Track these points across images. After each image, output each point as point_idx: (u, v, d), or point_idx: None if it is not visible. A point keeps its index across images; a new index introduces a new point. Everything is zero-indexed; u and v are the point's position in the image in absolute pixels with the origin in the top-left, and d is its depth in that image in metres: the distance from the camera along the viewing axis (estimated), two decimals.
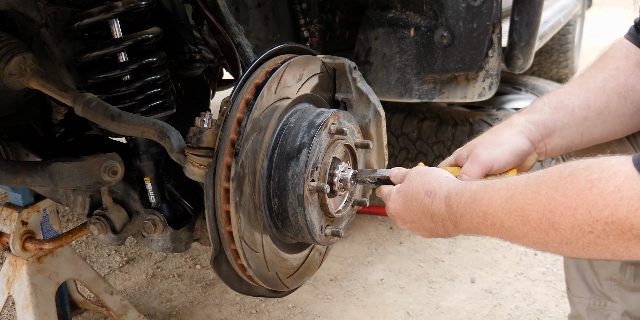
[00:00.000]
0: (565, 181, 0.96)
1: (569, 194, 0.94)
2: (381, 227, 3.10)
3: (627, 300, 1.66)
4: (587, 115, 1.36)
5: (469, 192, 1.10)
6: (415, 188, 1.19)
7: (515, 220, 1.02)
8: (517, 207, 1.01)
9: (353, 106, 1.51)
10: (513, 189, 1.03)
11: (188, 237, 1.49)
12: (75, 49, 1.46)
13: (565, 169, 0.98)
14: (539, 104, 1.40)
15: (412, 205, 1.20)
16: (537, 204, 0.98)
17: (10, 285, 1.84)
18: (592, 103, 1.37)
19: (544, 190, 0.98)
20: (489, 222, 1.06)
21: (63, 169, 1.37)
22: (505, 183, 1.06)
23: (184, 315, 2.43)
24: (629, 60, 1.40)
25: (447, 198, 1.14)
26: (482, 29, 2.12)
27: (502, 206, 1.03)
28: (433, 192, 1.16)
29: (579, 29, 5.34)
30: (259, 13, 2.29)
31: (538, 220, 0.98)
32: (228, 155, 1.21)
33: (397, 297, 2.53)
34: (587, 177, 0.93)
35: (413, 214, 1.20)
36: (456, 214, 1.12)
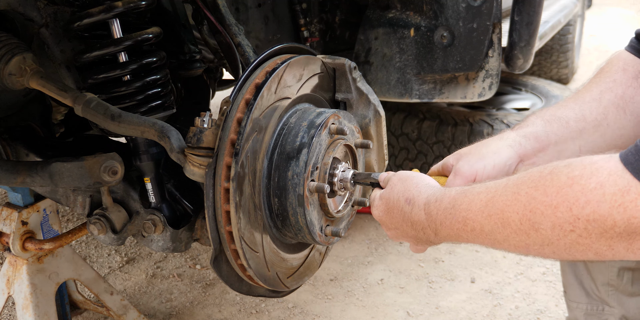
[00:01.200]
0: (546, 180, 0.93)
1: (549, 192, 0.92)
2: (381, 227, 3.10)
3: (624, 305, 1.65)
4: (583, 127, 1.32)
5: (449, 197, 1.08)
6: (396, 195, 1.18)
7: (495, 224, 0.99)
8: (497, 209, 0.99)
9: (353, 106, 1.51)
10: (493, 192, 1.01)
11: (188, 237, 1.49)
12: (75, 49, 1.46)
13: (545, 169, 0.95)
14: (531, 118, 1.37)
15: (393, 212, 1.18)
16: (517, 205, 0.96)
17: (10, 285, 1.83)
18: (588, 115, 1.33)
19: (524, 190, 0.95)
20: (469, 228, 1.04)
21: (63, 169, 1.37)
22: (484, 187, 1.03)
23: (184, 315, 2.43)
24: (626, 72, 1.37)
25: (426, 205, 1.12)
26: (482, 29, 2.12)
27: (482, 210, 1.01)
28: (412, 199, 1.14)
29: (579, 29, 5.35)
30: (259, 13, 2.29)
31: (518, 221, 0.96)
32: (228, 155, 1.21)
33: (397, 297, 2.53)
34: (567, 174, 0.91)
35: (395, 221, 1.18)
36: (436, 222, 1.10)
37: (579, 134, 1.32)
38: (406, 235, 1.19)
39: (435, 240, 1.15)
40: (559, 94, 3.74)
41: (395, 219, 1.18)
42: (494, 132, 3.08)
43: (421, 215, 1.12)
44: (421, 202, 1.12)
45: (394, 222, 1.19)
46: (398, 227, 1.19)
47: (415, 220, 1.13)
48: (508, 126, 3.10)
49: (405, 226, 1.16)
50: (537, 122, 1.34)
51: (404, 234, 1.20)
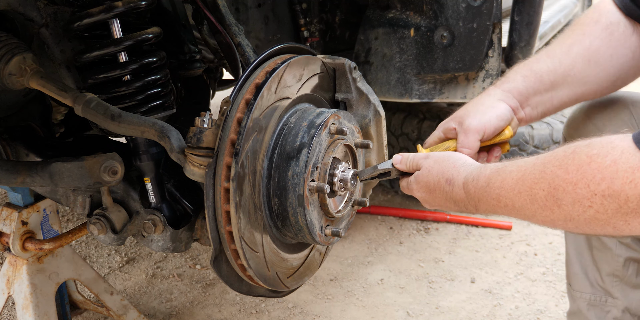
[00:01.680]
0: (568, 158, 1.00)
1: (570, 170, 0.98)
2: (381, 227, 3.10)
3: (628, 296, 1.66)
4: (554, 79, 1.43)
5: (484, 177, 1.15)
6: (436, 177, 1.25)
7: (524, 200, 1.07)
8: (526, 186, 1.06)
9: (353, 106, 1.51)
10: (523, 170, 1.07)
11: (188, 237, 1.49)
12: (75, 49, 1.46)
13: (569, 148, 1.02)
14: (511, 75, 1.47)
15: (435, 193, 1.26)
16: (543, 182, 1.02)
17: (10, 285, 1.83)
18: (558, 68, 1.44)
19: (549, 168, 1.02)
20: (503, 204, 1.12)
21: (63, 169, 1.37)
22: (516, 165, 1.10)
23: (184, 315, 2.43)
24: (598, 24, 1.45)
25: (465, 184, 1.19)
26: (482, 29, 2.12)
27: (513, 187, 1.08)
28: (452, 180, 1.22)
29: None
30: (259, 13, 2.29)
31: (544, 198, 1.03)
32: (228, 155, 1.21)
33: (397, 297, 2.53)
34: (587, 153, 0.97)
35: (439, 199, 1.27)
36: (474, 199, 1.18)
37: (551, 86, 1.44)
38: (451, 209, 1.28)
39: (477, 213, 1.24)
40: None
41: (439, 199, 1.26)
42: None
43: (461, 194, 1.20)
44: (460, 181, 1.20)
45: (437, 201, 1.28)
46: (442, 204, 1.28)
47: (457, 198, 1.22)
48: None
49: (449, 203, 1.25)
50: (517, 78, 1.46)
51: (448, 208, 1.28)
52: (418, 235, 3.01)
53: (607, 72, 1.45)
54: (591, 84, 1.46)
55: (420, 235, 3.02)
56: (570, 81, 1.44)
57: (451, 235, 3.01)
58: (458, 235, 3.00)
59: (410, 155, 1.34)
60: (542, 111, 1.48)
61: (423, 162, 1.30)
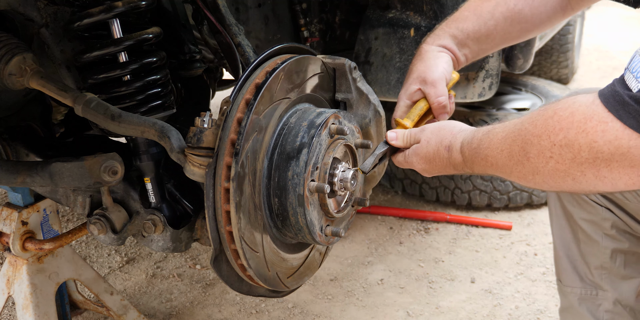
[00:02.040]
0: (539, 115, 1.07)
1: (538, 124, 1.05)
2: (381, 227, 3.10)
3: (618, 288, 1.68)
4: (478, 37, 1.57)
5: (477, 139, 1.22)
6: (435, 146, 1.31)
7: (505, 157, 1.13)
8: (507, 144, 1.12)
9: (353, 106, 1.51)
10: (506, 130, 1.14)
11: (188, 237, 1.49)
12: (75, 49, 1.46)
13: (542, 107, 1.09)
14: (439, 32, 1.59)
15: (435, 161, 1.32)
16: (518, 138, 1.09)
17: (10, 285, 1.83)
18: (482, 27, 1.56)
19: (525, 125, 1.09)
20: (490, 163, 1.18)
21: (63, 169, 1.37)
22: (502, 126, 1.17)
23: (184, 315, 2.43)
24: None
25: (461, 148, 1.25)
26: None
27: (497, 146, 1.15)
28: (450, 146, 1.28)
29: (579, 29, 5.34)
30: (259, 13, 2.29)
31: (518, 152, 1.09)
32: (228, 155, 1.20)
33: (397, 297, 2.53)
34: (554, 108, 1.04)
35: (439, 167, 1.32)
36: (469, 161, 1.24)
37: (477, 42, 1.58)
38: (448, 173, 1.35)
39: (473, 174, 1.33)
40: (559, 94, 3.74)
41: (439, 166, 1.32)
42: None
43: (459, 158, 1.26)
44: (457, 146, 1.27)
45: (437, 168, 1.34)
46: (441, 170, 1.34)
47: (455, 163, 1.28)
48: None
49: (449, 168, 1.31)
50: (446, 36, 1.57)
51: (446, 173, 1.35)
52: (418, 235, 3.01)
53: (526, 29, 1.59)
54: (513, 39, 1.62)
55: (420, 235, 3.02)
56: (494, 37, 1.58)
57: (451, 235, 3.01)
58: (458, 235, 3.00)
59: (405, 131, 1.39)
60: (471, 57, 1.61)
61: (421, 135, 1.35)
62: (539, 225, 3.07)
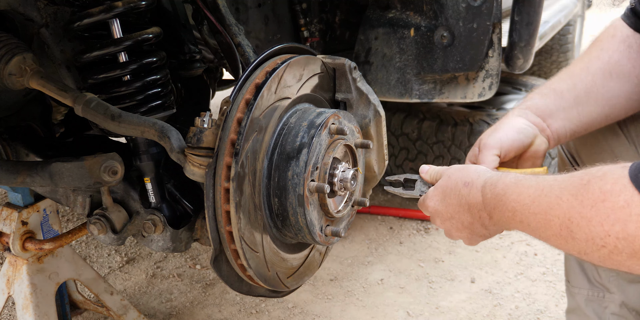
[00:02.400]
0: (584, 189, 0.95)
1: (585, 204, 0.94)
2: (381, 227, 3.10)
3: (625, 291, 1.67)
4: (576, 95, 1.40)
5: (503, 184, 1.11)
6: (454, 181, 1.21)
7: (539, 222, 1.02)
8: (541, 209, 1.01)
9: (353, 106, 1.50)
10: (540, 190, 1.03)
11: (188, 237, 1.49)
12: (75, 49, 1.46)
13: (585, 176, 0.97)
14: (529, 95, 1.46)
15: (450, 197, 1.21)
16: (558, 210, 0.98)
17: (10, 285, 1.83)
18: (578, 83, 1.41)
19: (565, 196, 0.98)
20: (518, 219, 1.07)
21: (63, 169, 1.37)
22: (535, 181, 1.06)
23: (184, 315, 2.43)
24: (614, 38, 1.44)
25: (483, 187, 1.15)
26: (482, 29, 2.12)
27: (529, 205, 1.04)
28: (471, 182, 1.17)
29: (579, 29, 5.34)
30: (259, 13, 2.29)
31: (558, 226, 0.99)
32: (228, 155, 1.20)
33: (397, 297, 2.53)
34: (601, 187, 0.93)
35: (451, 207, 1.20)
36: (489, 205, 1.12)
37: (574, 102, 1.40)
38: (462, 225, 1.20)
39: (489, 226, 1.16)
40: None
41: (452, 205, 1.19)
42: None
43: (478, 196, 1.15)
44: (479, 184, 1.15)
45: (449, 210, 1.20)
46: (454, 215, 1.20)
47: (472, 202, 1.16)
48: None
49: (462, 211, 1.18)
50: (535, 97, 1.44)
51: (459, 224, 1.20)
52: (418, 235, 3.01)
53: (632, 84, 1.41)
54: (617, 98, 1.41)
55: (420, 235, 3.02)
56: (594, 96, 1.40)
57: None
58: None
59: (435, 168, 1.31)
60: (571, 128, 1.42)
61: (445, 171, 1.27)
62: None
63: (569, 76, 1.44)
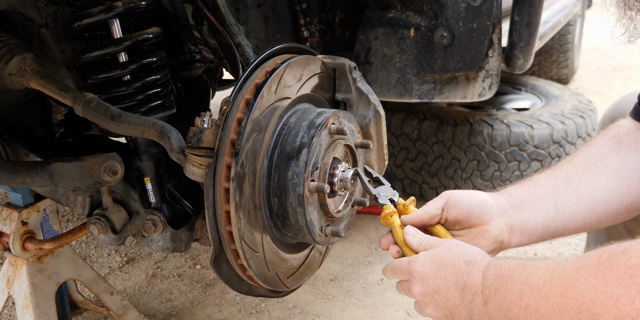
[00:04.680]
0: (605, 267, 0.90)
1: (610, 282, 0.88)
2: (381, 227, 3.10)
3: None
4: (554, 184, 1.29)
5: (509, 266, 1.04)
6: (455, 255, 1.11)
7: (552, 307, 0.95)
8: (555, 292, 0.94)
9: (353, 106, 1.50)
10: (551, 272, 0.97)
11: (188, 237, 1.49)
12: (75, 49, 1.46)
13: (603, 254, 0.92)
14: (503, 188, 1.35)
15: (445, 271, 1.10)
16: (576, 291, 0.92)
17: (10, 285, 1.83)
18: (558, 173, 1.31)
19: (583, 276, 0.92)
20: (524, 304, 0.98)
21: (63, 169, 1.37)
22: (544, 263, 1.00)
23: (184, 315, 2.43)
24: (605, 135, 1.37)
25: (486, 268, 1.07)
26: (482, 29, 2.12)
27: (540, 288, 0.97)
28: (473, 261, 1.09)
29: (579, 29, 5.35)
30: (259, 13, 2.29)
31: (577, 309, 0.91)
32: (228, 155, 1.21)
33: (397, 297, 2.53)
34: (625, 263, 0.88)
35: (443, 281, 1.10)
36: (490, 287, 1.04)
37: (552, 190, 1.28)
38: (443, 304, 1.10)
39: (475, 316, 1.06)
40: (559, 94, 3.74)
41: (445, 279, 1.09)
42: (494, 132, 3.09)
43: (478, 277, 1.06)
44: (482, 264, 1.08)
45: (438, 283, 1.10)
46: (441, 290, 1.10)
47: (469, 282, 1.07)
48: (508, 126, 3.11)
49: (453, 289, 1.08)
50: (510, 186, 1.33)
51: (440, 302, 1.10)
52: None
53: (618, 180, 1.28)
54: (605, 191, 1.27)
55: None
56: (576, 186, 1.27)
57: None
58: None
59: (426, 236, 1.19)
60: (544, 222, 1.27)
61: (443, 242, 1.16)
62: None
63: (550, 169, 1.34)
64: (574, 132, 3.21)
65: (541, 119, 3.20)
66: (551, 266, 0.98)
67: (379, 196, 1.35)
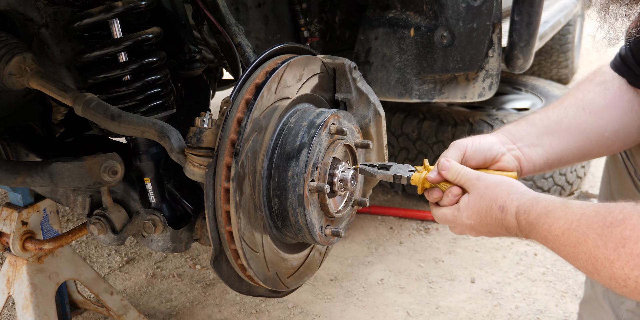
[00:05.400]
0: (607, 232, 1.04)
1: (609, 246, 1.03)
2: (381, 227, 3.10)
3: None
4: (548, 124, 1.46)
5: (535, 213, 1.18)
6: (488, 203, 1.26)
7: (568, 253, 1.12)
8: (570, 243, 1.10)
9: (353, 106, 1.50)
10: (569, 223, 1.11)
11: (188, 237, 1.49)
12: (75, 49, 1.46)
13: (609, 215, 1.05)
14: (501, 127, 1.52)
15: (487, 219, 1.27)
16: (585, 247, 1.07)
17: (10, 285, 1.83)
18: (551, 114, 1.48)
19: (592, 234, 1.06)
20: (550, 246, 1.17)
21: (63, 169, 1.37)
22: (564, 212, 1.13)
23: (184, 315, 2.43)
24: (592, 81, 1.51)
25: (517, 214, 1.22)
26: (482, 29, 2.12)
27: (559, 237, 1.13)
28: (505, 207, 1.24)
29: (579, 29, 5.34)
30: (259, 13, 2.29)
31: (585, 261, 1.08)
32: (228, 155, 1.20)
33: (397, 297, 2.53)
34: (621, 232, 1.01)
35: (489, 227, 1.28)
36: (525, 231, 1.21)
37: (545, 130, 1.46)
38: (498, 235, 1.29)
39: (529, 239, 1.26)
40: (559, 94, 3.74)
41: (490, 225, 1.27)
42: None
43: (513, 222, 1.23)
44: (513, 210, 1.23)
45: (487, 228, 1.28)
46: (492, 231, 1.29)
47: (509, 226, 1.24)
48: None
49: (500, 230, 1.27)
50: (507, 125, 1.51)
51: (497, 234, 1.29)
52: (418, 235, 3.01)
53: (605, 121, 1.46)
54: (590, 132, 1.46)
55: (420, 235, 3.02)
56: (566, 127, 1.45)
57: (451, 235, 3.01)
58: (458, 235, 3.00)
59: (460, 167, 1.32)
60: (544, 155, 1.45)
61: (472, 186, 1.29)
62: None
63: (543, 110, 1.51)
64: None
65: None
66: (569, 217, 1.12)
67: (400, 173, 1.39)
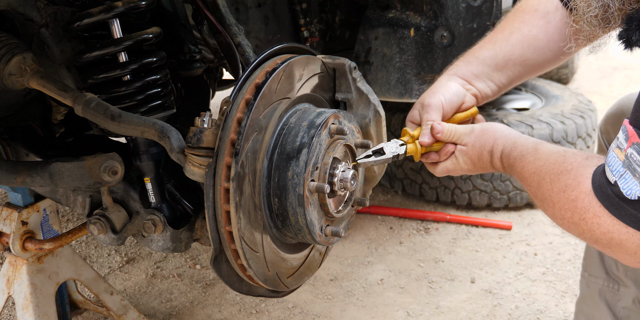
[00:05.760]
0: (556, 178, 1.21)
1: (554, 191, 1.20)
2: (381, 227, 3.10)
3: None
4: (496, 63, 1.59)
5: (512, 158, 1.36)
6: (479, 150, 1.43)
7: (532, 192, 1.31)
8: (533, 184, 1.28)
9: (353, 106, 1.51)
10: (535, 167, 1.28)
11: (188, 237, 1.49)
12: (75, 49, 1.46)
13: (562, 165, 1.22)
14: (455, 63, 1.62)
15: (480, 163, 1.45)
16: (542, 188, 1.25)
17: (10, 285, 1.83)
18: (499, 53, 1.59)
19: (547, 179, 1.23)
20: (523, 184, 1.34)
21: (63, 169, 1.37)
22: (534, 157, 1.30)
23: (184, 315, 2.43)
24: (536, 13, 1.59)
25: (501, 157, 1.40)
26: (482, 29, 2.12)
27: (527, 178, 1.31)
28: (492, 151, 1.41)
29: None
30: (259, 13, 2.29)
31: (540, 200, 1.27)
32: (228, 155, 1.21)
33: (397, 297, 2.53)
34: (565, 181, 1.18)
35: (483, 168, 1.47)
36: (507, 170, 1.40)
37: (495, 68, 1.59)
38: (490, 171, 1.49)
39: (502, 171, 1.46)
40: (559, 94, 3.74)
41: (483, 167, 1.46)
42: None
43: (498, 163, 1.41)
44: (498, 154, 1.40)
45: (479, 169, 1.48)
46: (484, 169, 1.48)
47: (496, 167, 1.43)
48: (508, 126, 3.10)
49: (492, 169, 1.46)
50: (460, 64, 1.60)
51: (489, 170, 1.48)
52: (418, 235, 3.01)
53: (545, 56, 1.61)
54: (534, 65, 1.62)
55: (420, 235, 3.02)
56: (512, 64, 1.59)
57: (451, 235, 3.01)
58: (458, 235, 3.00)
59: (452, 126, 1.45)
60: (493, 88, 1.61)
61: (467, 139, 1.45)
62: (539, 225, 3.07)
63: (492, 45, 1.60)
64: (574, 132, 3.20)
65: (541, 119, 3.20)
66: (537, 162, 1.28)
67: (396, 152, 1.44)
